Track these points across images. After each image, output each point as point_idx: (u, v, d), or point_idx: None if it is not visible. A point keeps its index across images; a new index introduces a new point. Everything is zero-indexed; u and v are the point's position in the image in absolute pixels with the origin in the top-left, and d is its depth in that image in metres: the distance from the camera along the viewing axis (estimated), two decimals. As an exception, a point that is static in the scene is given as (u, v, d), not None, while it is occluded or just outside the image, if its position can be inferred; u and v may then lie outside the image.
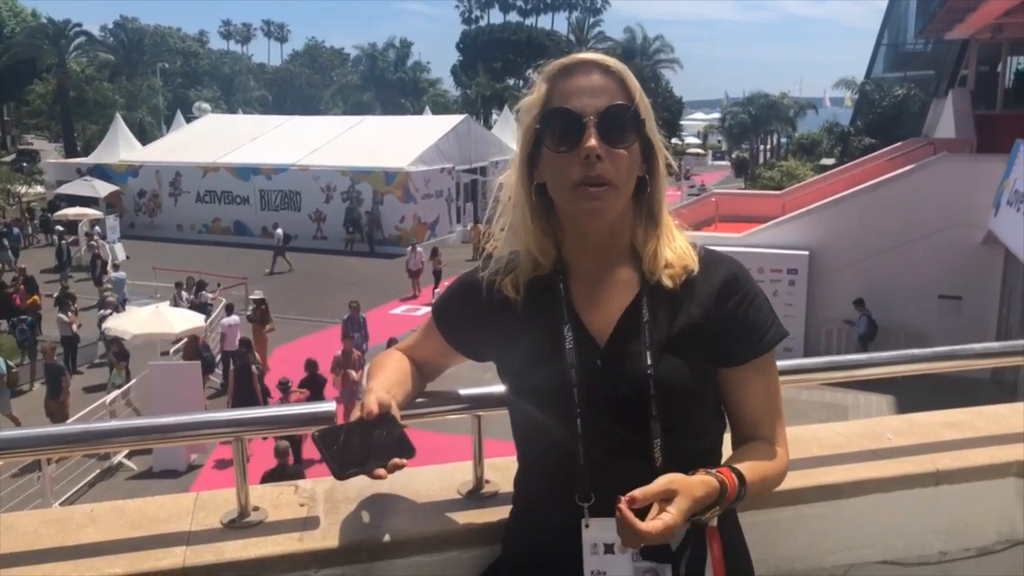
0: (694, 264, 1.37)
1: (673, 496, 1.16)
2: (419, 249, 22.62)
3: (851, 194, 16.58)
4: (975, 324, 14.94)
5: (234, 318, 15.56)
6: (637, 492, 1.15)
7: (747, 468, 1.30)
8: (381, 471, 1.29)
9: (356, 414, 1.35)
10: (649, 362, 1.30)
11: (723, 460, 1.38)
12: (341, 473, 1.30)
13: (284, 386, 11.77)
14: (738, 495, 1.26)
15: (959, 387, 6.03)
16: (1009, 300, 15.11)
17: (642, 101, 1.33)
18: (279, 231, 25.91)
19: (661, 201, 1.39)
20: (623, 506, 1.14)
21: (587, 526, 1.28)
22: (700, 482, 1.21)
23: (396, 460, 1.30)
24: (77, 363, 16.27)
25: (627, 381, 1.30)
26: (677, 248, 1.38)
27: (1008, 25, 17.76)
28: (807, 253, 16.09)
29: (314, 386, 12.06)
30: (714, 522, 1.26)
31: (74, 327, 16.35)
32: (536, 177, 1.37)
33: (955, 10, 17.05)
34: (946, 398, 3.25)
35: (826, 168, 27.95)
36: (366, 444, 1.31)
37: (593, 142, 1.27)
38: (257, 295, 17.22)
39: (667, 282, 1.35)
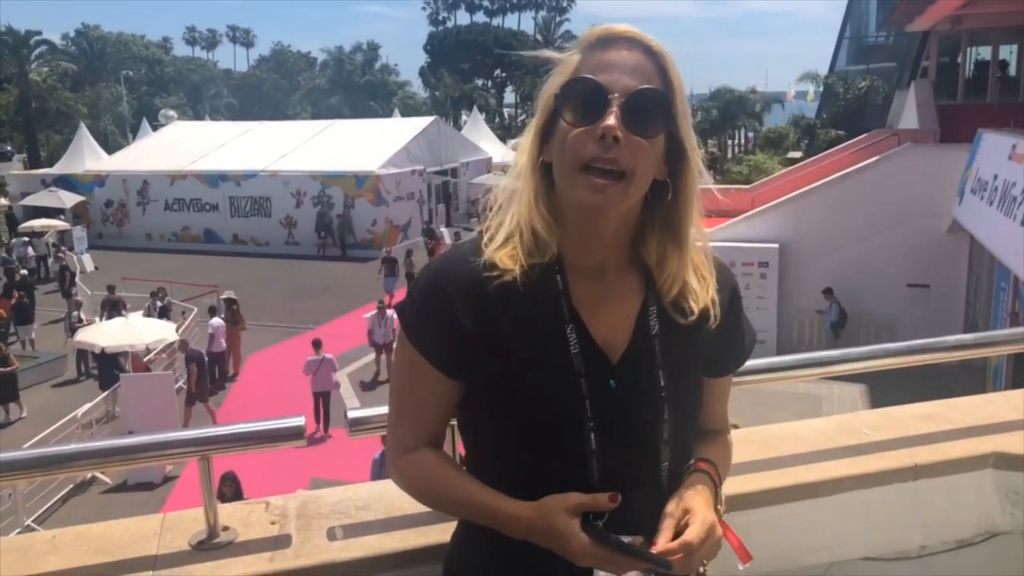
0: (712, 305, 1.25)
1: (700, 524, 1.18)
2: (388, 312, 15.53)
3: (819, 186, 16.75)
4: (943, 311, 15.18)
5: (218, 320, 15.93)
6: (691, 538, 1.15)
7: (716, 458, 1.30)
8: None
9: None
10: (663, 383, 1.22)
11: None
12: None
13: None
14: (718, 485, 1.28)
15: (929, 374, 6.03)
16: (976, 287, 15.35)
17: (680, 94, 1.18)
18: (48, 238, 26.61)
19: (687, 217, 1.22)
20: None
21: None
22: (706, 501, 1.21)
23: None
24: None
25: (641, 405, 1.21)
26: (702, 278, 1.26)
27: (967, 16, 18.03)
28: (777, 246, 16.23)
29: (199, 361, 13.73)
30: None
31: None
32: (544, 154, 1.20)
33: (915, 2, 17.28)
34: (917, 386, 3.26)
35: (794, 161, 28.22)
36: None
37: (613, 121, 1.11)
38: (228, 294, 17.23)
39: (686, 305, 1.24)
